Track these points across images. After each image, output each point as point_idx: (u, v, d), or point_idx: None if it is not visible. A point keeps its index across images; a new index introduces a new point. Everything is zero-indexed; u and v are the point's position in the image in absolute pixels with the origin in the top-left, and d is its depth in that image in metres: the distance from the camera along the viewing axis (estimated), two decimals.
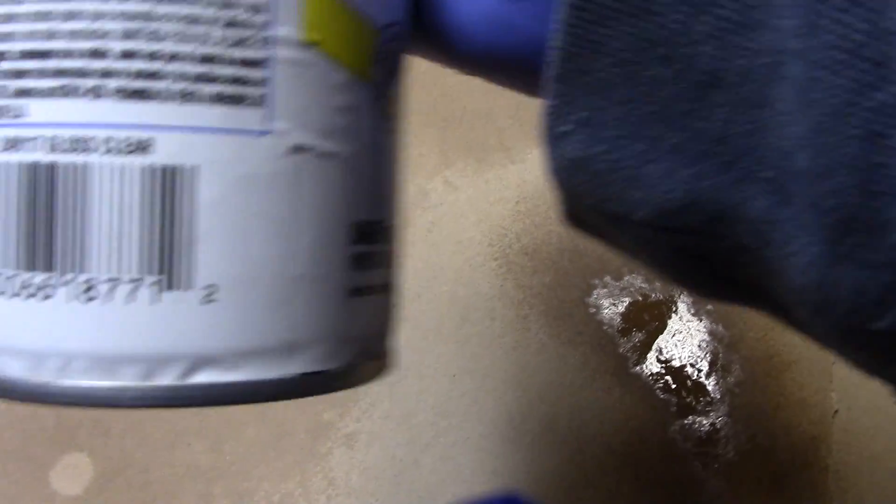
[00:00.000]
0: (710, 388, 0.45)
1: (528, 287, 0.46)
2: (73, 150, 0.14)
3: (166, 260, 0.15)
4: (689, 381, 0.45)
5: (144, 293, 0.14)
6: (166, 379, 0.15)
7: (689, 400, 0.44)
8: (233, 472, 0.43)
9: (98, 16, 0.14)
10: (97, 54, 0.14)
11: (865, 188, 0.13)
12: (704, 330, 0.45)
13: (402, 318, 0.44)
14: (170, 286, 0.15)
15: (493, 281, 0.46)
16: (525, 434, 0.44)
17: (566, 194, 0.17)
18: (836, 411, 0.45)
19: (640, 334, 0.45)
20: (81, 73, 0.14)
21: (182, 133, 0.14)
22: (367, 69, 0.17)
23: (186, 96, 0.14)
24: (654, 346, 0.45)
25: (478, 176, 0.48)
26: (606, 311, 0.45)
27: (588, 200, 0.16)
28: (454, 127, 0.49)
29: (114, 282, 0.14)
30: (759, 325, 0.45)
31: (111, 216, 0.14)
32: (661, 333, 0.45)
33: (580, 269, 0.46)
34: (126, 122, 0.14)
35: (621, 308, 0.46)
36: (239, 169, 0.15)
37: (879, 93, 0.13)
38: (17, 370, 0.15)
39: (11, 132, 0.15)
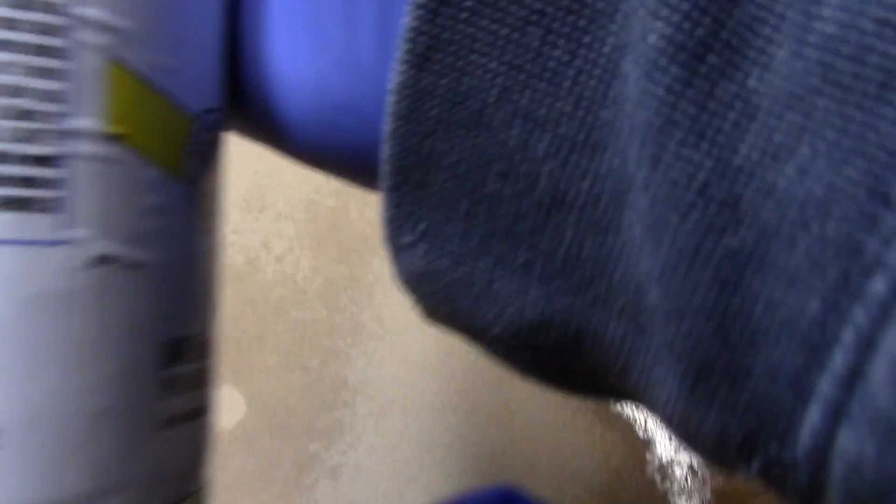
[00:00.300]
0: None
1: None
2: None
3: None
4: None
5: None
6: None
7: (668, 441, 0.45)
8: (219, 503, 0.43)
9: None
10: None
11: (722, 336, 0.12)
12: None
13: (389, 352, 0.45)
14: None
15: None
16: (507, 470, 0.44)
17: (418, 302, 0.16)
18: None
19: None
20: None
21: None
22: (181, 163, 0.15)
23: None
24: None
25: None
26: None
27: (439, 312, 0.15)
28: None
29: None
30: None
31: None
32: None
33: None
34: None
35: None
36: (29, 287, 0.12)
37: (730, 237, 0.11)
38: None
39: None
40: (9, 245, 0.12)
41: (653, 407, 0.14)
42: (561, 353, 0.15)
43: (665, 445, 0.45)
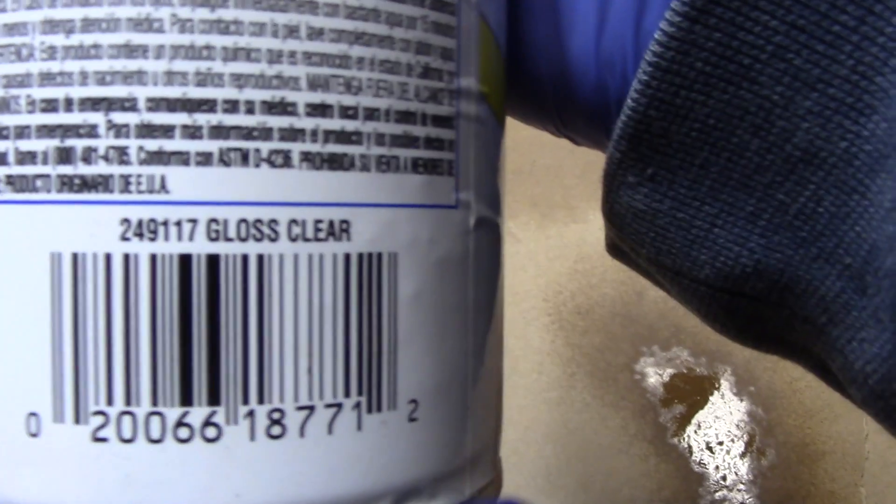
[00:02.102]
0: (743, 468, 0.46)
1: (578, 346, 0.47)
2: (244, 237, 0.11)
3: (368, 375, 0.11)
4: (723, 459, 0.46)
5: (345, 421, 0.11)
6: None
7: (721, 477, 0.46)
8: None
9: (275, 57, 0.11)
10: (276, 108, 0.11)
11: None
12: (744, 410, 0.47)
13: None
14: (373, 408, 0.12)
15: (544, 336, 0.47)
16: (559, 489, 0.45)
17: (619, 236, 0.16)
18: None
19: (680, 406, 0.47)
20: (251, 134, 0.11)
21: (382, 211, 0.11)
22: (504, 122, 0.14)
23: (385, 164, 0.11)
24: (694, 420, 0.46)
25: (540, 231, 0.49)
26: (651, 379, 0.47)
27: (644, 250, 0.16)
28: (521, 179, 0.50)
29: (306, 411, 0.11)
30: (798, 412, 0.46)
31: (301, 323, 0.11)
32: (702, 408, 0.47)
33: (630, 336, 0.47)
34: (317, 199, 0.11)
35: (665, 378, 0.47)
36: (435, 252, 0.12)
37: None
38: None
39: (144, 212, 0.10)
40: (422, 209, 0.12)
41: (846, 362, 0.14)
42: (762, 301, 0.15)
43: (718, 481, 0.45)
